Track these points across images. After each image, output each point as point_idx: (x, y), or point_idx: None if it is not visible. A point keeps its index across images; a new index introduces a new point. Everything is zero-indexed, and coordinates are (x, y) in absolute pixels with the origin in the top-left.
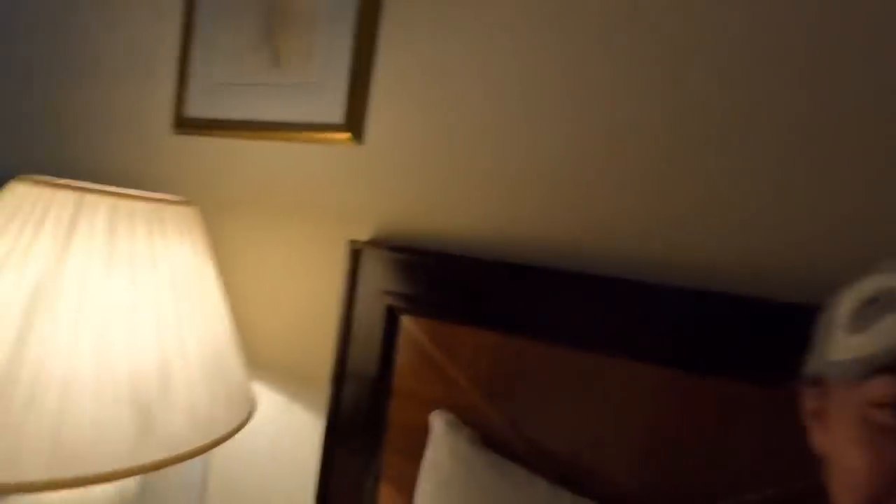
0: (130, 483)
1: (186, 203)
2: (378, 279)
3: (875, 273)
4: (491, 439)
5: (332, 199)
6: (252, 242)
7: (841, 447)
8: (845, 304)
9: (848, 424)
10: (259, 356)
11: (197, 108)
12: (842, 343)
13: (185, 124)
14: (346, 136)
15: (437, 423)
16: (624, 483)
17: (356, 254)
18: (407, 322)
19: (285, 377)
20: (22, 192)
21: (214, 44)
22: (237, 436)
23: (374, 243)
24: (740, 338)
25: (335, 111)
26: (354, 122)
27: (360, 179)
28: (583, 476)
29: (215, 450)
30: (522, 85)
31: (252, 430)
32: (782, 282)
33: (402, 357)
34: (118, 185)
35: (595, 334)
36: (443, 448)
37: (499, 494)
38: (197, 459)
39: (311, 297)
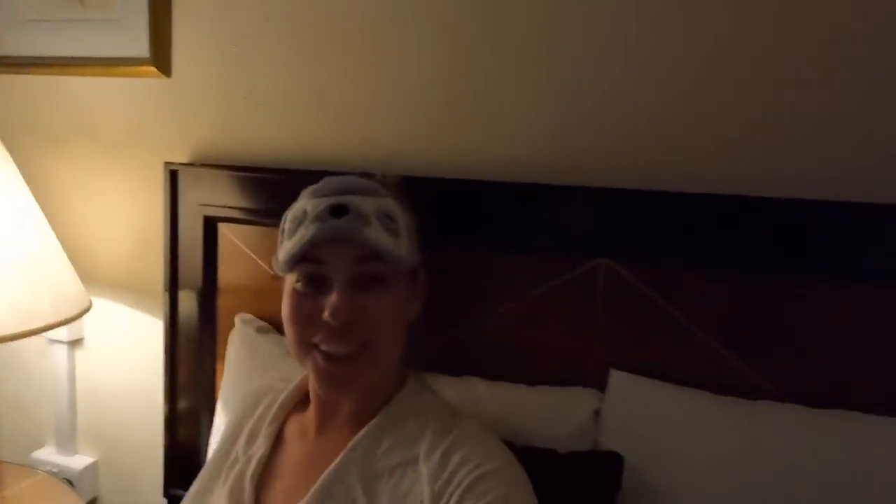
0: None
1: None
2: (195, 194)
3: (299, 199)
4: None
5: (147, 128)
6: (77, 173)
7: (284, 306)
8: (287, 220)
9: (287, 294)
10: (99, 275)
11: (7, 45)
12: (284, 247)
13: None
14: (152, 69)
15: (237, 320)
16: None
17: (174, 174)
18: (223, 228)
19: (124, 289)
20: None
21: None
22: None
23: (189, 164)
24: None
25: (140, 46)
26: (160, 56)
27: (171, 109)
28: None
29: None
30: (308, 13)
31: (106, 336)
32: None
33: (222, 258)
34: None
35: None
36: (237, 338)
37: (269, 361)
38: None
39: (138, 217)
